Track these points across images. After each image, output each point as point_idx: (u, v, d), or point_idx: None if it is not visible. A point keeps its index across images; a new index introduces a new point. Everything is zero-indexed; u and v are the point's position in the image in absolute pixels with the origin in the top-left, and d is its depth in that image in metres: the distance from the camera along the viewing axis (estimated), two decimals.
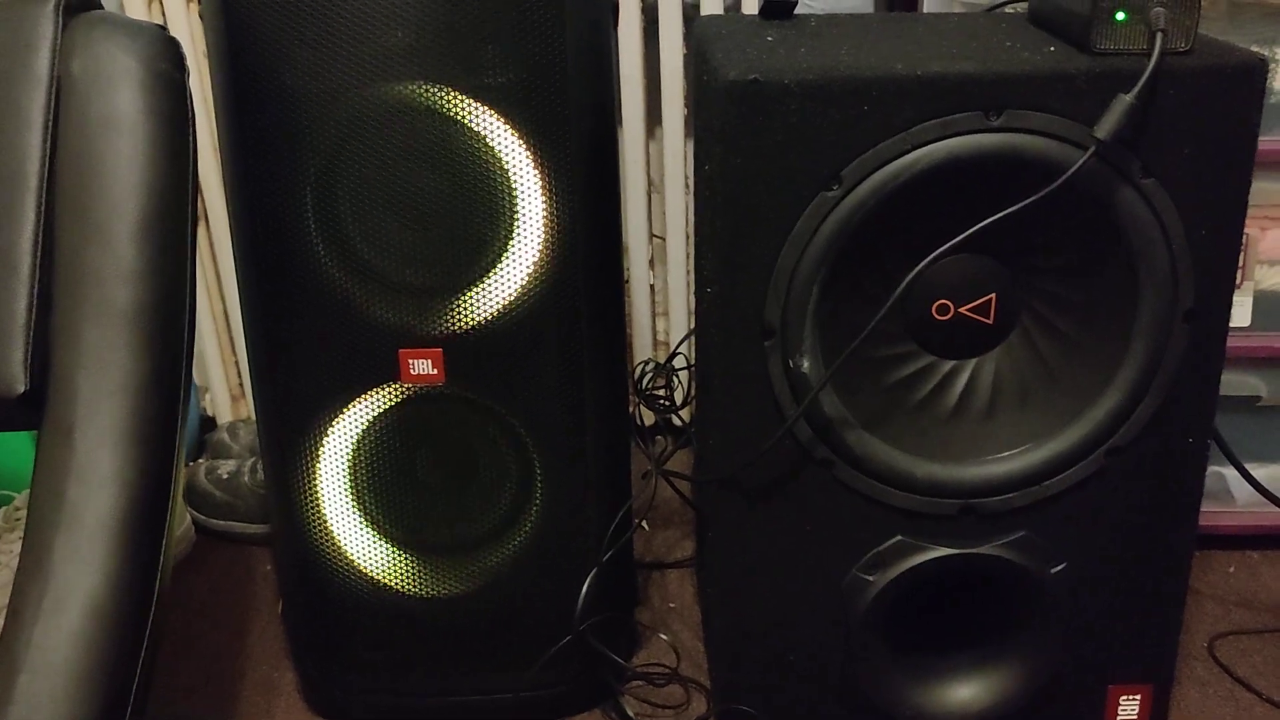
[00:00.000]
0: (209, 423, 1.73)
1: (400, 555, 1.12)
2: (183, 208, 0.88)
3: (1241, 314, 1.31)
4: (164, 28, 0.91)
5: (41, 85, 0.87)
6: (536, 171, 0.99)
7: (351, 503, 1.10)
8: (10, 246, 0.85)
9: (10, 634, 0.78)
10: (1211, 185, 0.91)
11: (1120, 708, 1.09)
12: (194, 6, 1.48)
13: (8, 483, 1.47)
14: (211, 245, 1.64)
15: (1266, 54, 0.88)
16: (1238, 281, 1.29)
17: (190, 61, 0.93)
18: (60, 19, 0.88)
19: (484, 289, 1.01)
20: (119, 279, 0.84)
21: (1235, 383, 1.34)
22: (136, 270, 0.85)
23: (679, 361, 1.58)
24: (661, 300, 1.69)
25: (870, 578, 1.02)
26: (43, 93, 0.87)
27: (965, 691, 1.08)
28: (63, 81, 0.87)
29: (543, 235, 1.01)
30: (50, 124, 0.87)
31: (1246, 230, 1.26)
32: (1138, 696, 1.09)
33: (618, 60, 1.49)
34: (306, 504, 1.10)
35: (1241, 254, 1.28)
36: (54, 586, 0.78)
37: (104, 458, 0.82)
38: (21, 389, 0.84)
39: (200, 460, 1.60)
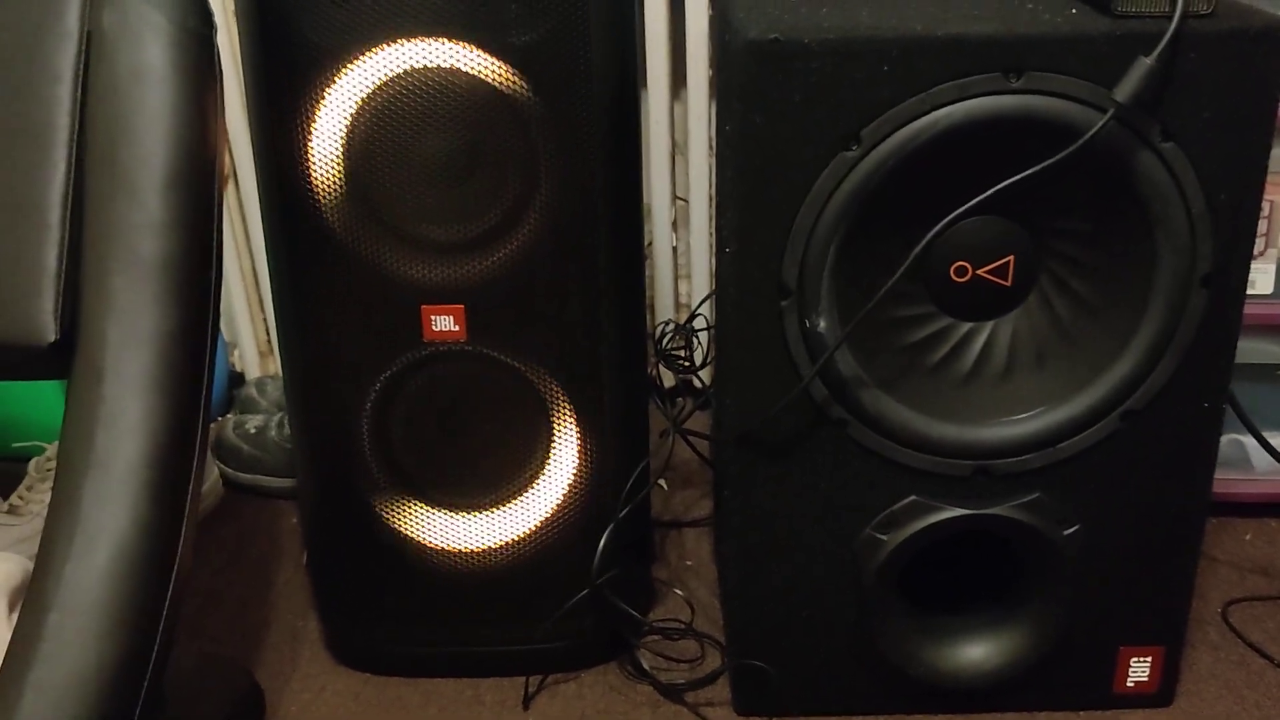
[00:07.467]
0: (238, 378, 1.75)
1: (422, 510, 1.14)
2: (209, 161, 0.89)
3: (1264, 281, 1.30)
4: None
5: (71, 39, 0.89)
6: (558, 131, 0.99)
7: (374, 457, 1.11)
8: (40, 198, 0.87)
9: (40, 573, 0.80)
10: (1232, 150, 0.90)
11: (1131, 669, 1.10)
12: None
13: (39, 434, 1.50)
14: (241, 204, 1.66)
15: None
16: (1260, 249, 1.28)
17: (219, 19, 0.94)
18: None
19: (506, 246, 1.02)
20: (146, 230, 0.86)
21: (1256, 350, 1.33)
22: (163, 222, 0.86)
23: (699, 323, 1.59)
24: (684, 263, 1.69)
25: (884, 537, 1.03)
26: (73, 47, 0.88)
27: (977, 650, 1.09)
28: (92, 36, 0.89)
29: (564, 194, 1.01)
30: (80, 78, 0.88)
31: (1269, 198, 1.26)
32: (1149, 658, 1.10)
33: (643, 21, 1.49)
34: (331, 458, 1.12)
35: (1265, 221, 1.27)
36: (83, 528, 0.80)
37: (131, 405, 0.84)
38: (52, 338, 0.86)
39: (229, 415, 1.62)
